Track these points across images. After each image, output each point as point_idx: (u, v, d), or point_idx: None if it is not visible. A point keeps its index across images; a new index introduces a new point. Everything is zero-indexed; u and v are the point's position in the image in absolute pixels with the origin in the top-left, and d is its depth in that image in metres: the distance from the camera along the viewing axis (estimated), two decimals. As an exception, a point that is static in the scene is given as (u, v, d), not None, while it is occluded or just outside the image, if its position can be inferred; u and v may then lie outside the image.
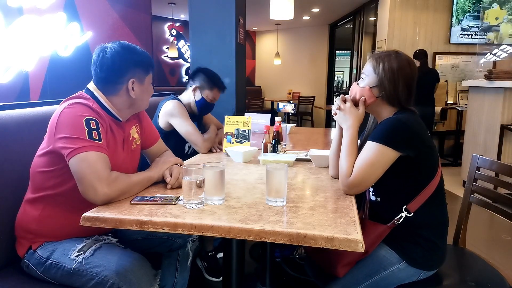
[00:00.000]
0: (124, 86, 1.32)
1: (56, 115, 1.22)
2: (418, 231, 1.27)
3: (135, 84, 1.34)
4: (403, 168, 1.23)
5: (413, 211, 1.24)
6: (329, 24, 9.39)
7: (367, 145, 1.25)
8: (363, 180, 1.23)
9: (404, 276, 1.25)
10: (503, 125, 3.56)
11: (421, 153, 1.23)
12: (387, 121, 1.26)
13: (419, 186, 1.26)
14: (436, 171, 1.29)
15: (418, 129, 1.24)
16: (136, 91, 1.35)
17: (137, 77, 1.34)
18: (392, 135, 1.21)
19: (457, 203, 1.65)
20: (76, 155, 1.15)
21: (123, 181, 1.20)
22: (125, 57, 1.31)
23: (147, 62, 1.38)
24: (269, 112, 3.70)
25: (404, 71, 1.29)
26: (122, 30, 3.30)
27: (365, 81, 1.34)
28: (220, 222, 1.01)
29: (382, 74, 1.29)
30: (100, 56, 1.30)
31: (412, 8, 5.69)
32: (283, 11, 3.38)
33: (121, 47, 1.31)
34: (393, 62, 1.29)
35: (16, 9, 2.42)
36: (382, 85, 1.29)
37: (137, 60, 1.34)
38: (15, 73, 2.43)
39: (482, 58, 5.35)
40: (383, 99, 1.31)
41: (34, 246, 1.28)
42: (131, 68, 1.32)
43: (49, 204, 1.28)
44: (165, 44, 9.18)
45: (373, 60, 1.32)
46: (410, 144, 1.21)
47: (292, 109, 3.09)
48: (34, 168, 1.29)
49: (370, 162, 1.21)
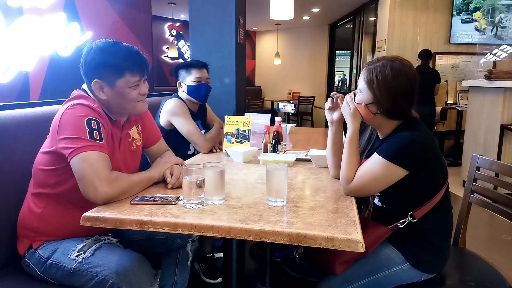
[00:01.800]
0: (92, 86, 1.30)
1: (58, 116, 1.23)
2: (424, 235, 1.26)
3: (103, 85, 1.28)
4: (412, 183, 1.21)
5: (418, 218, 1.23)
6: (329, 24, 9.39)
7: (374, 157, 1.21)
8: (363, 189, 1.23)
9: (406, 277, 1.25)
10: (503, 125, 3.56)
11: (432, 171, 1.22)
12: (399, 139, 1.20)
13: (427, 196, 1.24)
14: (445, 183, 1.27)
15: (431, 149, 1.21)
16: (106, 93, 1.29)
17: (104, 79, 1.27)
18: (404, 154, 1.17)
19: (457, 203, 1.65)
20: (77, 155, 1.16)
21: (123, 181, 1.20)
22: (93, 56, 1.27)
23: (118, 64, 1.26)
24: (269, 112, 3.70)
25: (401, 83, 1.20)
26: (122, 30, 3.30)
27: (359, 97, 1.28)
28: (220, 222, 1.01)
29: (377, 91, 1.21)
30: (82, 55, 1.31)
31: (412, 8, 5.69)
32: (283, 11, 3.38)
33: (96, 47, 1.28)
34: (388, 76, 1.20)
35: (16, 9, 2.42)
36: (379, 102, 1.23)
37: (103, 60, 1.26)
38: (15, 73, 2.43)
39: (482, 58, 5.35)
40: (382, 114, 1.26)
41: (35, 245, 1.28)
42: (96, 68, 1.27)
43: (51, 203, 1.29)
44: (165, 44, 9.18)
45: (367, 73, 1.24)
46: (422, 165, 1.19)
47: (292, 109, 3.09)
48: (37, 165, 1.30)
49: (374, 176, 1.20)
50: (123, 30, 3.30)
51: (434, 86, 4.77)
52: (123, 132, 1.41)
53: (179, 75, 2.17)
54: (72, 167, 1.17)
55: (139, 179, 1.28)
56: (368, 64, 1.28)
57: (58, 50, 2.71)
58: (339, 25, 8.98)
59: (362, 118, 1.29)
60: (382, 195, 1.31)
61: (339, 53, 10.01)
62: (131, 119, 1.45)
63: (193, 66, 2.14)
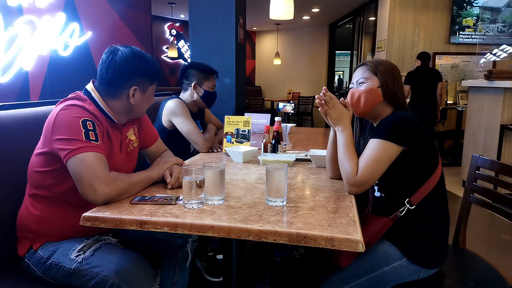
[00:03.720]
0: (125, 91, 1.32)
1: (52, 117, 1.22)
2: (420, 227, 1.28)
3: (136, 91, 1.34)
4: (406, 161, 1.26)
5: (416, 204, 1.27)
6: (329, 24, 9.39)
7: (370, 143, 1.27)
8: (370, 177, 1.25)
9: (405, 273, 1.26)
10: (503, 125, 3.56)
11: (421, 145, 1.27)
12: (388, 119, 1.31)
13: (421, 178, 1.29)
14: (437, 164, 1.32)
15: (416, 123, 1.29)
16: (136, 99, 1.35)
17: (141, 85, 1.34)
18: (394, 131, 1.25)
19: (457, 203, 1.65)
20: (74, 156, 1.15)
21: (122, 181, 1.20)
22: (133, 63, 1.31)
23: (154, 73, 1.38)
24: (269, 112, 3.70)
25: (398, 72, 1.40)
26: (122, 30, 3.30)
27: (367, 83, 1.37)
28: (220, 222, 1.01)
29: (383, 75, 1.35)
30: (109, 58, 1.30)
31: (412, 8, 5.69)
32: (283, 11, 3.38)
33: (131, 53, 1.32)
34: (387, 64, 1.39)
35: (16, 9, 2.42)
36: (386, 85, 1.35)
37: (145, 69, 1.34)
38: (15, 73, 2.43)
39: (482, 58, 5.35)
40: (385, 98, 1.36)
41: (35, 246, 1.28)
42: (136, 75, 1.32)
43: (49, 204, 1.29)
44: (165, 44, 9.18)
45: (368, 65, 1.39)
46: (411, 137, 1.26)
47: (292, 109, 3.09)
48: (31, 167, 1.30)
49: (376, 159, 1.24)
50: (123, 30, 3.30)
51: (434, 86, 4.76)
52: (122, 134, 1.41)
53: (195, 77, 2.16)
54: (69, 169, 1.17)
55: (138, 179, 1.28)
56: (362, 63, 1.42)
57: (58, 50, 2.71)
58: (339, 25, 8.98)
59: (369, 105, 1.36)
60: (380, 182, 1.35)
61: (339, 53, 10.02)
62: (128, 121, 1.45)
63: (212, 74, 2.19)
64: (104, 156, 1.21)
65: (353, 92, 1.39)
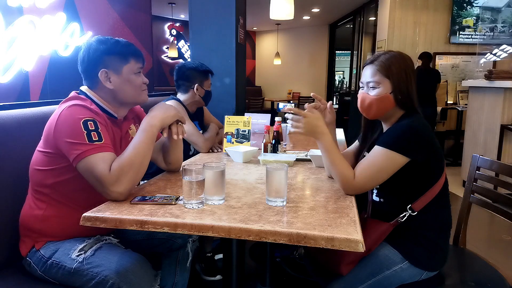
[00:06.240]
0: (98, 78, 1.32)
1: (55, 118, 1.22)
2: (421, 232, 1.27)
3: (110, 74, 1.31)
4: (411, 171, 1.23)
5: (418, 210, 1.24)
6: (329, 24, 9.39)
7: (375, 149, 1.24)
8: (368, 183, 1.23)
9: (406, 276, 1.25)
10: (503, 125, 3.56)
11: (429, 157, 1.23)
12: (397, 127, 1.25)
13: (425, 187, 1.26)
14: (442, 171, 1.30)
15: (427, 134, 1.23)
16: (114, 82, 1.32)
17: (111, 67, 1.31)
18: (402, 141, 1.20)
19: (457, 203, 1.65)
20: (79, 162, 1.17)
21: (127, 170, 1.17)
22: (95, 47, 1.31)
23: (121, 50, 1.32)
24: (269, 112, 3.70)
25: (412, 68, 1.30)
26: (122, 30, 3.31)
27: (379, 89, 1.28)
28: (220, 222, 1.01)
29: (396, 77, 1.27)
30: (79, 52, 1.34)
31: (412, 8, 5.69)
32: (283, 11, 3.38)
33: (94, 40, 1.33)
34: (401, 63, 1.28)
35: (16, 9, 2.42)
36: (398, 89, 1.27)
37: (107, 49, 1.31)
38: (15, 73, 2.43)
39: (482, 58, 5.35)
40: (397, 103, 1.29)
41: (38, 246, 1.28)
42: (101, 58, 1.31)
43: (52, 204, 1.29)
44: (165, 44, 9.18)
45: (380, 66, 1.28)
46: (420, 149, 1.21)
47: (292, 109, 3.08)
48: (32, 165, 1.30)
49: (378, 167, 1.21)
50: (123, 30, 3.30)
51: (435, 86, 4.78)
52: (122, 130, 1.41)
53: (196, 78, 2.17)
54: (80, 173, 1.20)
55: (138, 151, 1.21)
56: (372, 60, 1.31)
57: (58, 50, 2.71)
58: (339, 25, 8.98)
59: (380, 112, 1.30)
60: (380, 187, 1.31)
61: (339, 53, 10.02)
62: (128, 116, 1.45)
63: (210, 73, 2.23)
64: (108, 153, 1.20)
65: (363, 97, 1.32)
